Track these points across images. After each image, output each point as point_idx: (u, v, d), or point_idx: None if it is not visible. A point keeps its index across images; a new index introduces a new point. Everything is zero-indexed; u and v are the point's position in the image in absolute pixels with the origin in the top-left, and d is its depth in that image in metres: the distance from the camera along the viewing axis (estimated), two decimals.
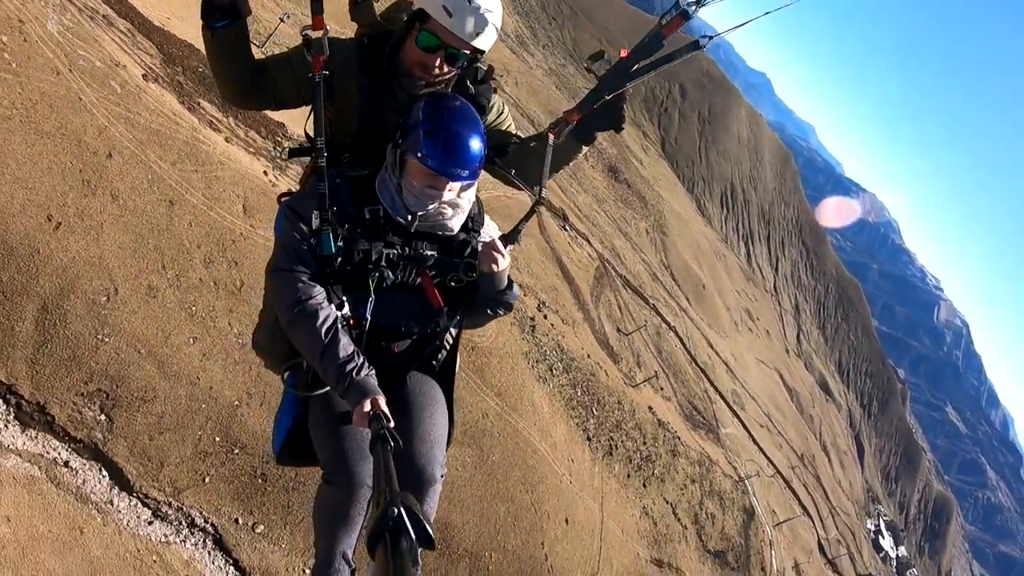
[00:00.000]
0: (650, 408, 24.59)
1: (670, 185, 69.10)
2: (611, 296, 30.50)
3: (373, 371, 2.52)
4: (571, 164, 3.09)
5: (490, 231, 2.92)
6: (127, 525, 7.53)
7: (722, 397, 40.54)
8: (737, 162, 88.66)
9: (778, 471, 42.49)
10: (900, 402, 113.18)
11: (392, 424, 2.27)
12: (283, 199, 2.96)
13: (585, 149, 2.98)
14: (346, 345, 2.51)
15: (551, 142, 2.79)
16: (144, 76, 9.59)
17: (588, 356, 21.08)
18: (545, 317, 19.46)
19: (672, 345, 37.04)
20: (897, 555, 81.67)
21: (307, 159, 2.95)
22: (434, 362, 3.10)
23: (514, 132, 3.10)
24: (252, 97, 2.77)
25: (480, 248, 2.75)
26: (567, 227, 30.82)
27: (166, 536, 7.87)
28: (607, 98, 2.69)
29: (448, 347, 3.13)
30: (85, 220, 7.73)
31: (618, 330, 28.48)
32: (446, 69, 2.65)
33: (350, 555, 2.66)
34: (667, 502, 22.03)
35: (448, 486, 11.29)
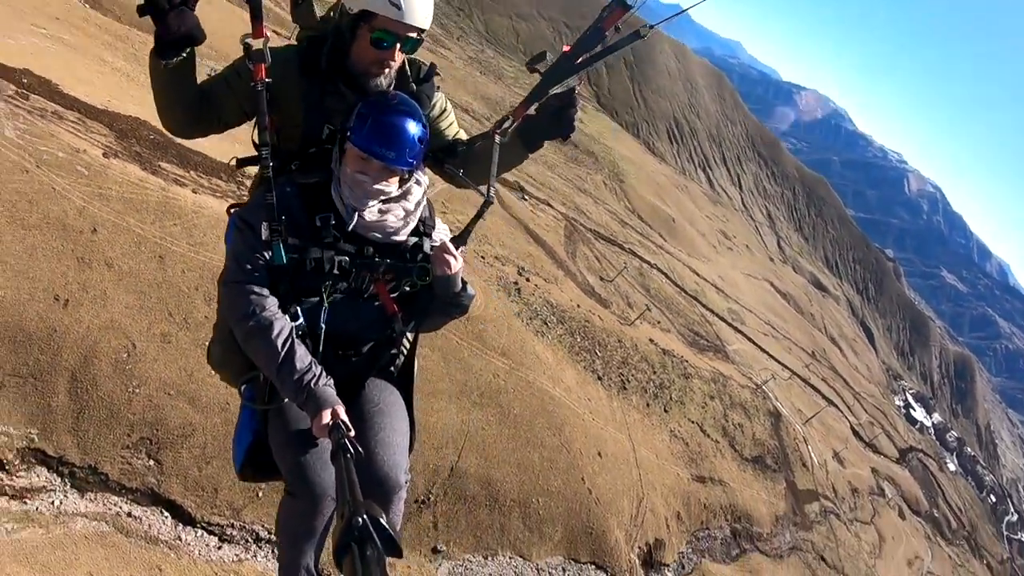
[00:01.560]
0: (651, 340, 25.38)
1: (615, 135, 69.87)
2: (586, 250, 31.22)
3: (331, 381, 2.55)
4: (514, 167, 3.08)
5: (441, 234, 2.95)
6: (199, 555, 8.16)
7: (720, 317, 41.43)
8: (673, 95, 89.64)
9: (793, 372, 43.46)
10: (895, 279, 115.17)
11: (352, 433, 2.31)
12: (232, 210, 2.94)
13: (530, 155, 2.99)
14: (303, 356, 2.53)
15: (497, 141, 2.84)
16: (104, 154, 10.19)
17: (578, 306, 21.82)
18: (528, 280, 20.16)
19: (658, 281, 37.83)
20: (933, 423, 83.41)
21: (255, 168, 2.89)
22: (392, 368, 3.15)
23: (456, 129, 3.15)
24: (199, 124, 2.77)
25: (432, 252, 2.79)
26: (525, 197, 31.48)
27: (237, 556, 8.50)
28: (551, 93, 2.75)
29: (405, 352, 3.18)
30: (89, 292, 8.37)
31: (601, 279, 29.19)
32: (399, 58, 2.70)
33: (314, 567, 2.72)
34: (692, 422, 22.85)
35: (480, 445, 12.17)
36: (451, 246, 2.73)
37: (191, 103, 2.65)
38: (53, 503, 7.37)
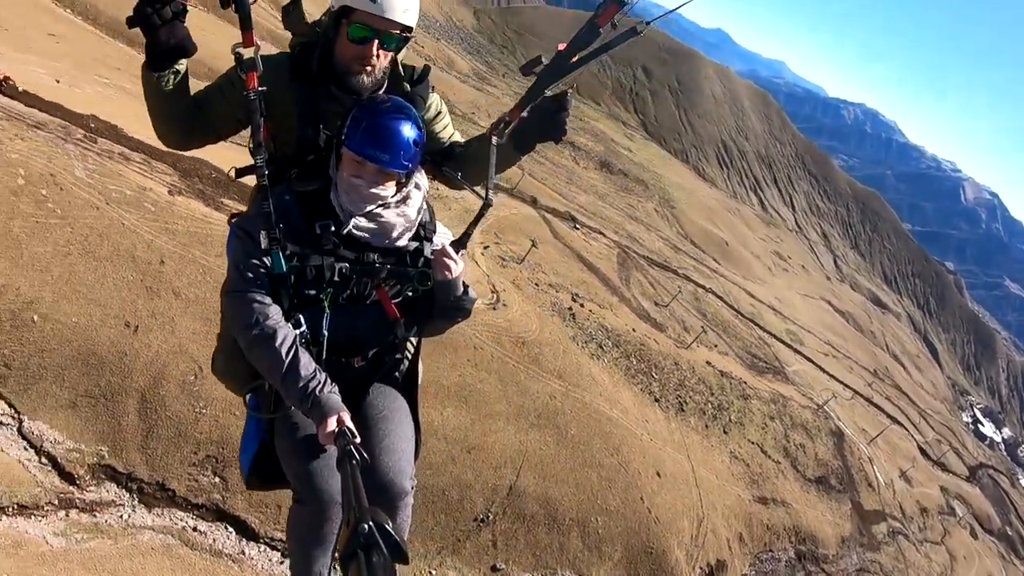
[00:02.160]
0: (708, 363, 24.99)
1: (664, 162, 69.66)
2: (639, 276, 31.07)
3: (336, 388, 2.54)
4: (507, 169, 3.07)
5: (442, 238, 2.92)
6: (262, 568, 8.36)
7: (778, 339, 40.48)
8: (720, 119, 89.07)
9: (856, 392, 42.16)
10: (956, 291, 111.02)
11: (358, 440, 2.30)
12: (233, 220, 2.90)
13: (522, 157, 2.99)
14: (307, 363, 2.52)
15: (494, 143, 2.82)
16: (169, 192, 10.74)
17: (633, 330, 21.70)
18: (582, 305, 20.19)
19: (714, 305, 37.29)
20: (1003, 438, 79.74)
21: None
22: (396, 374, 3.14)
23: (452, 131, 3.14)
24: (193, 136, 2.76)
25: (432, 256, 2.78)
26: (577, 226, 31.61)
27: None
28: (547, 93, 2.73)
29: (409, 357, 3.16)
30: (157, 318, 8.79)
31: (655, 304, 28.96)
32: (382, 56, 2.67)
33: (327, 574, 2.75)
34: (752, 443, 22.33)
35: (538, 465, 12.16)
36: (451, 250, 2.73)
37: (185, 115, 2.64)
38: (122, 516, 7.68)
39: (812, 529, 21.62)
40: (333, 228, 2.59)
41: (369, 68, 2.66)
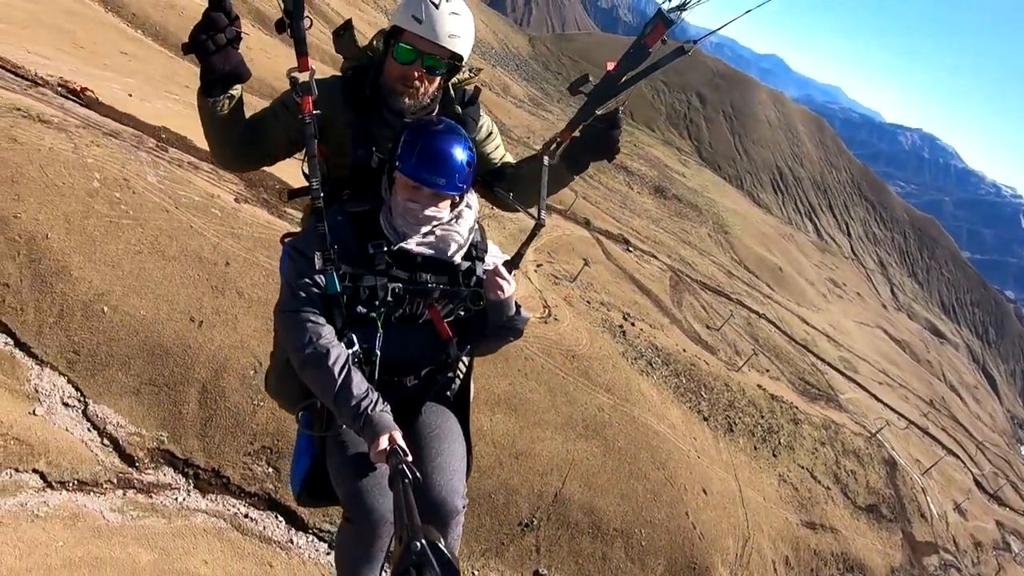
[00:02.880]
0: (759, 386, 24.62)
1: (718, 188, 69.29)
2: (692, 299, 30.89)
3: (388, 406, 2.55)
4: (560, 190, 3.08)
5: (494, 258, 2.92)
6: (309, 557, 8.51)
7: (831, 366, 39.55)
8: (775, 145, 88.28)
9: (911, 422, 40.86)
10: (1016, 320, 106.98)
11: (410, 458, 2.29)
12: (286, 240, 2.97)
13: (575, 177, 2.99)
14: (359, 383, 2.53)
15: (546, 163, 2.83)
16: (236, 199, 11.26)
17: (684, 351, 21.55)
18: (632, 324, 20.19)
19: (766, 331, 36.75)
20: None
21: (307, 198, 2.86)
22: (448, 393, 3.15)
23: (503, 152, 3.16)
24: (248, 159, 2.83)
25: (485, 276, 2.78)
26: (630, 249, 31.65)
27: None
28: (598, 112, 2.73)
29: (461, 376, 3.18)
30: (221, 315, 9.18)
31: (707, 327, 28.74)
32: (427, 81, 2.71)
33: None
34: (802, 467, 21.84)
35: (584, 474, 12.17)
36: (504, 270, 2.73)
37: (240, 139, 2.69)
38: (176, 499, 7.96)
39: (861, 557, 20.93)
40: (386, 248, 2.62)
41: (412, 91, 2.71)
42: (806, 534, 18.60)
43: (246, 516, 8.39)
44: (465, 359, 3.11)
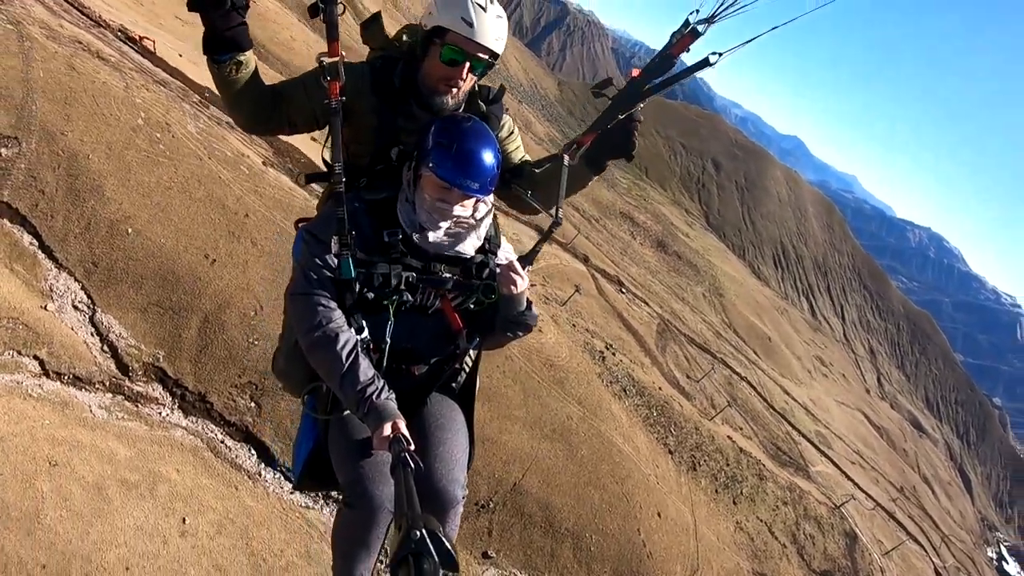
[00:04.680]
0: (729, 438, 25.08)
1: (720, 253, 70.40)
2: (676, 348, 31.48)
3: (393, 394, 2.55)
4: (579, 191, 3.09)
5: (507, 253, 2.96)
6: (273, 491, 8.91)
7: (806, 438, 39.93)
8: (782, 221, 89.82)
9: (878, 504, 41.14)
10: (999, 426, 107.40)
11: (412, 447, 2.30)
12: (301, 224, 2.98)
13: (594, 178, 3.00)
14: (366, 369, 2.54)
15: (566, 163, 2.85)
16: (263, 163, 12.02)
17: (660, 389, 22.07)
18: (613, 354, 20.75)
19: (746, 393, 37.24)
20: None
21: (325, 183, 2.95)
22: (454, 384, 3.16)
23: (523, 151, 3.19)
24: (269, 123, 2.82)
25: (499, 270, 2.78)
26: (623, 291, 32.34)
27: (306, 504, 9.17)
28: (620, 117, 2.75)
29: (468, 369, 3.18)
30: (233, 258, 9.85)
31: (687, 376, 29.30)
32: (468, 79, 2.74)
33: None
34: (760, 520, 22.13)
35: (545, 472, 12.67)
36: (518, 265, 2.74)
37: (257, 103, 2.71)
38: (160, 413, 8.50)
39: None
40: (401, 237, 2.65)
41: (455, 90, 2.76)
42: None
43: (222, 442, 8.93)
44: (473, 352, 3.11)
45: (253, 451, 9.18)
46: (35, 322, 7.84)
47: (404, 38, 2.88)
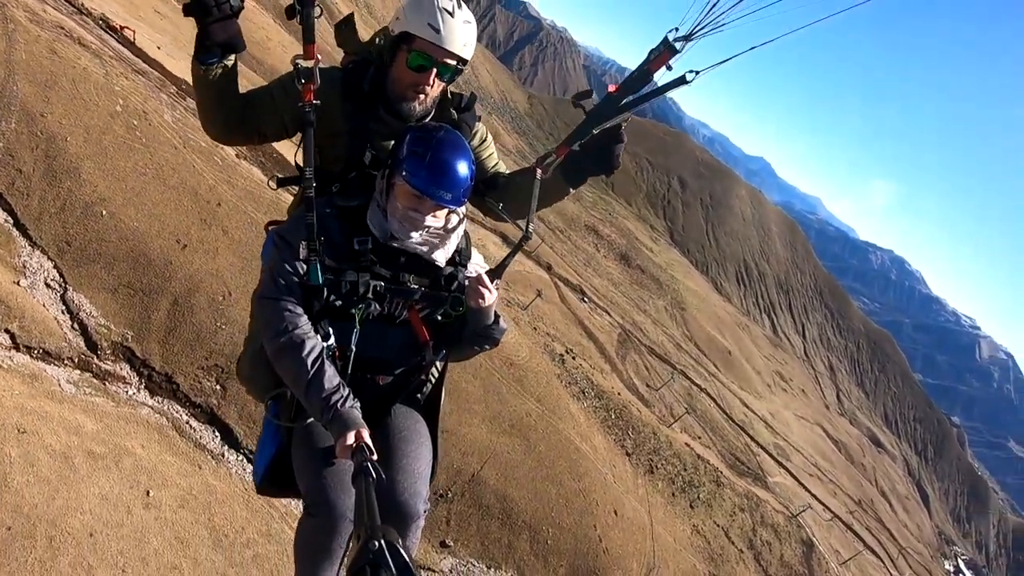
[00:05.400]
0: (687, 444, 25.63)
1: (683, 269, 71.54)
2: (637, 358, 32.05)
3: (358, 403, 2.55)
4: (555, 203, 3.10)
5: (477, 266, 2.94)
6: (235, 473, 9.07)
7: (764, 450, 40.74)
8: (746, 239, 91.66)
9: (835, 515, 42.04)
10: (956, 443, 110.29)
11: (375, 457, 2.29)
12: (271, 226, 2.99)
13: (572, 190, 2.98)
14: (331, 376, 2.53)
15: (538, 177, 2.85)
16: (236, 155, 12.28)
17: (619, 394, 22.60)
18: (573, 358, 21.23)
19: (705, 404, 37.91)
20: None
21: (296, 187, 2.86)
22: (419, 395, 3.15)
23: (496, 160, 3.18)
24: (238, 132, 2.80)
25: (467, 283, 2.78)
26: (585, 299, 32.85)
27: None
28: (595, 132, 2.78)
29: (433, 381, 3.19)
30: (204, 245, 10.08)
31: (647, 385, 29.85)
32: (436, 85, 2.74)
33: None
34: (717, 525, 22.66)
35: (503, 465, 13.01)
36: (487, 278, 2.75)
37: (232, 111, 2.69)
38: (127, 392, 8.67)
39: None
40: (371, 245, 2.65)
41: (422, 96, 2.77)
42: None
43: (187, 423, 9.12)
44: (439, 364, 3.12)
45: (217, 433, 9.38)
46: (7, 296, 7.99)
47: (377, 41, 2.88)
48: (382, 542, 1.67)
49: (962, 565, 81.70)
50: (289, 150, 13.96)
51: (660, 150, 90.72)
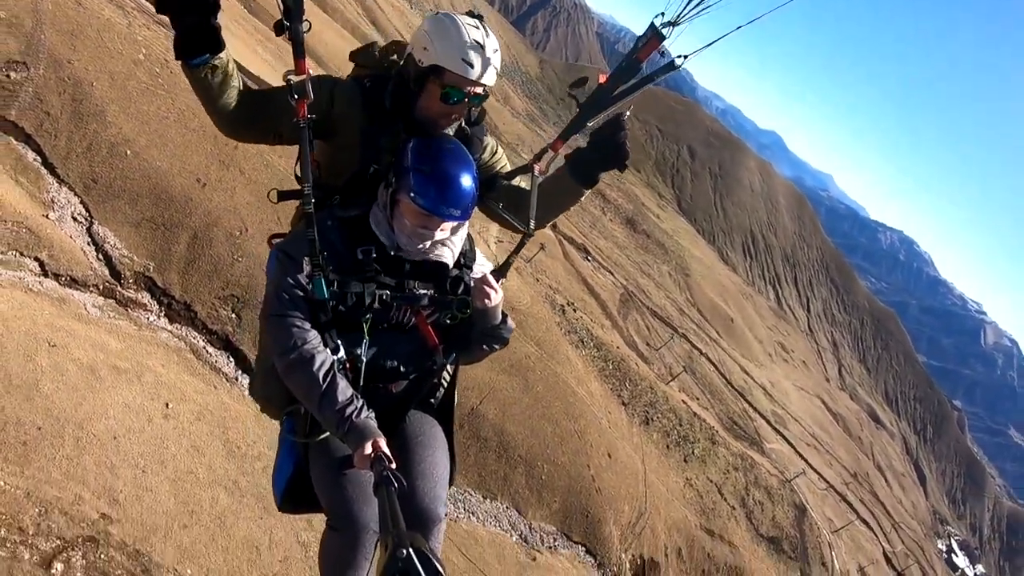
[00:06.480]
0: (684, 402, 26.26)
1: (690, 236, 71.78)
2: (638, 317, 32.63)
3: (372, 413, 2.56)
4: (572, 207, 3.11)
5: (482, 267, 2.96)
6: (248, 396, 9.60)
7: (762, 416, 41.36)
8: (753, 211, 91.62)
9: (830, 485, 42.70)
10: (955, 425, 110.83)
11: (394, 465, 2.30)
12: (274, 241, 2.97)
13: (587, 192, 2.97)
14: (344, 389, 2.54)
15: (536, 173, 2.90)
16: None
17: (618, 348, 23.19)
18: (575, 310, 21.82)
19: (705, 368, 38.46)
20: (975, 573, 78.87)
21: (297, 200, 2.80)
22: (432, 400, 3.15)
23: (508, 167, 3.16)
24: (249, 131, 2.78)
25: (473, 284, 2.80)
26: (589, 258, 33.32)
27: None
28: (590, 125, 2.79)
29: (446, 384, 3.19)
30: (223, 184, 10.66)
31: (647, 344, 30.43)
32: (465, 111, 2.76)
33: None
34: (711, 480, 23.37)
35: (501, 401, 13.65)
36: (492, 279, 2.78)
37: (234, 109, 2.62)
38: (148, 318, 9.30)
39: None
40: (375, 255, 2.65)
41: (453, 121, 2.81)
42: (703, 536, 19.99)
43: (204, 348, 9.77)
44: (450, 367, 3.10)
45: (232, 358, 10.02)
46: (37, 227, 8.59)
47: (394, 57, 2.90)
48: (410, 549, 1.70)
49: (955, 545, 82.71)
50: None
51: (671, 118, 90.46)
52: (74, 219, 9.36)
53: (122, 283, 9.38)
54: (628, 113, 2.77)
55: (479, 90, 2.67)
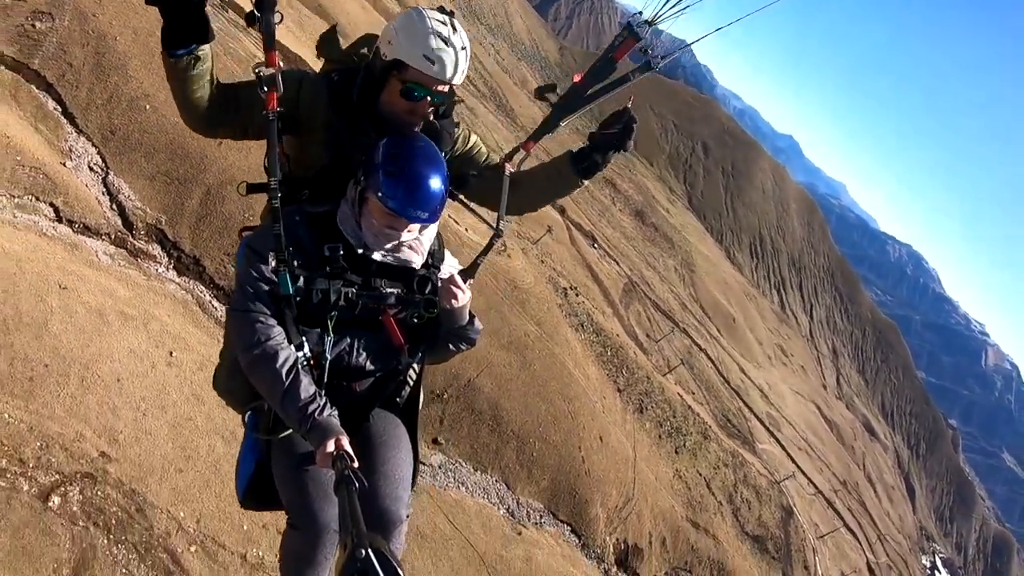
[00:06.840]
0: (679, 395, 26.42)
1: (698, 233, 71.64)
2: (640, 308, 32.68)
3: (336, 411, 2.55)
4: (569, 193, 3.10)
5: (450, 267, 2.96)
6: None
7: (756, 417, 41.48)
8: (763, 213, 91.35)
9: (819, 491, 42.85)
10: (949, 443, 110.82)
11: (356, 464, 2.28)
12: (244, 233, 2.98)
13: (586, 183, 2.97)
14: (307, 386, 2.52)
15: (506, 173, 2.89)
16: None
17: (617, 335, 23.35)
18: (577, 294, 21.96)
19: (703, 364, 38.49)
20: None
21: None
22: (397, 399, 3.08)
23: (487, 153, 3.15)
24: (220, 126, 2.73)
25: (440, 284, 2.79)
26: (596, 246, 33.42)
27: None
28: (562, 125, 2.83)
29: (411, 384, 3.09)
30: (238, 143, 10.60)
31: (647, 335, 30.56)
32: (431, 109, 2.74)
33: None
34: (700, 474, 23.48)
35: (498, 376, 13.84)
36: (459, 279, 2.77)
37: (208, 103, 2.58)
38: (157, 269, 9.50)
39: (737, 574, 22.32)
40: (342, 252, 2.64)
41: (419, 119, 2.77)
42: (688, 528, 20.07)
43: (210, 302, 9.96)
44: (416, 367, 3.04)
45: None
46: (54, 174, 8.78)
47: (363, 51, 2.87)
48: (368, 550, 1.71)
49: (939, 562, 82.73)
50: None
51: (686, 114, 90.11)
52: (90, 168, 9.56)
53: (134, 234, 9.59)
54: (631, 101, 2.76)
55: (443, 88, 2.66)
